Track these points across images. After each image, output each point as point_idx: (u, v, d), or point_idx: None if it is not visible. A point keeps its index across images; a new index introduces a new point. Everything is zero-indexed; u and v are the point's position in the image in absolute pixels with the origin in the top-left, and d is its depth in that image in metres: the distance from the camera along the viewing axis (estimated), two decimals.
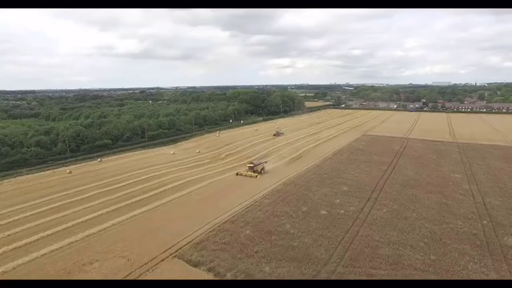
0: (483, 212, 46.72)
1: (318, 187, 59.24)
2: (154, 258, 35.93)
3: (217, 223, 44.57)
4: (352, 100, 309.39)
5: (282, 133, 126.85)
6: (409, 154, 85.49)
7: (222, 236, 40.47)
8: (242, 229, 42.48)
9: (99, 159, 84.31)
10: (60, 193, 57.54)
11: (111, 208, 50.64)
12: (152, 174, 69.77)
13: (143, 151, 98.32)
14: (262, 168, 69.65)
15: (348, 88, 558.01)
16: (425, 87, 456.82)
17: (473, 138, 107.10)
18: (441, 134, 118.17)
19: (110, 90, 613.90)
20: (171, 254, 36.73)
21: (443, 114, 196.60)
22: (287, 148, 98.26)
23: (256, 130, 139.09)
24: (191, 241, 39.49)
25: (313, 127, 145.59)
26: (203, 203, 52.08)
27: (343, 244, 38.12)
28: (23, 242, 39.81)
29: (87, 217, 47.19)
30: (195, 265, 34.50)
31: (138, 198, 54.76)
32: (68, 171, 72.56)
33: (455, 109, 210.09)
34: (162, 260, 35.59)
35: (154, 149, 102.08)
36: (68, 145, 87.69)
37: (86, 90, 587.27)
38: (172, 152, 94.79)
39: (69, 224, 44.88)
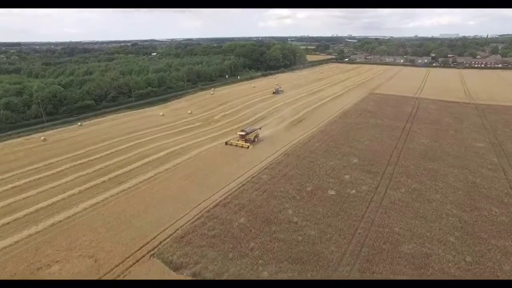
0: None
1: (324, 158, 51.87)
2: (127, 258, 29.43)
3: (206, 207, 37.74)
4: (356, 53, 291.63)
5: (282, 91, 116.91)
6: (423, 118, 77.12)
7: (211, 226, 33.78)
8: (236, 215, 35.73)
9: (79, 123, 75.71)
10: (27, 167, 50.01)
11: (84, 186, 43.48)
12: (135, 142, 61.86)
13: (129, 112, 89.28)
14: (256, 136, 61.43)
15: (351, 40, 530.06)
16: (431, 39, 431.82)
17: (492, 99, 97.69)
18: (455, 94, 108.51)
19: (102, 42, 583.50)
20: (148, 252, 30.16)
21: (455, 70, 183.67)
22: (288, 108, 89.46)
23: (254, 87, 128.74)
24: (173, 233, 32.83)
25: (316, 84, 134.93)
26: (191, 180, 44.90)
27: (357, 238, 31.56)
28: None
29: (54, 199, 40.15)
30: (177, 268, 28.07)
31: (116, 173, 47.42)
32: (42, 138, 64.36)
33: (467, 65, 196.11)
34: (137, 261, 29.08)
35: (142, 110, 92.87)
36: (44, 108, 78.50)
37: (76, 42, 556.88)
38: (161, 113, 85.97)
39: (32, 208, 37.93)
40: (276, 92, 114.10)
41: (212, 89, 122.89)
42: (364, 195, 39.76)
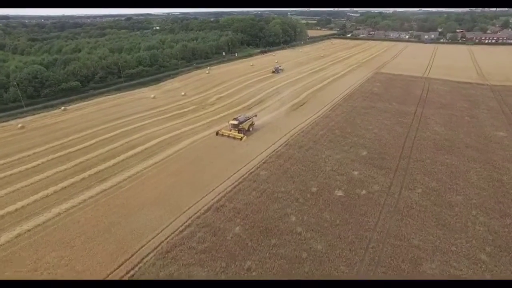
0: None
1: (330, 150, 46.79)
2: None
3: (197, 212, 33.03)
4: (358, 29, 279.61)
5: (282, 70, 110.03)
6: (435, 101, 71.35)
7: (201, 237, 29.19)
8: (230, 223, 31.10)
9: (62, 108, 69.79)
10: None
11: (60, 185, 38.56)
12: (122, 130, 56.46)
13: (118, 94, 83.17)
14: (251, 125, 55.18)
15: (352, 14, 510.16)
16: (437, 13, 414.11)
17: (508, 79, 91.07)
18: (466, 73, 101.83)
19: (95, 17, 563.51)
20: (127, 272, 25.70)
21: (464, 47, 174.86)
22: (288, 90, 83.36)
23: (252, 65, 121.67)
24: (158, 247, 28.27)
25: (318, 62, 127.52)
26: (180, 178, 39.94)
27: (371, 254, 27.06)
28: None
29: (24, 201, 35.32)
30: None
31: (98, 169, 42.38)
32: (20, 125, 58.73)
33: (477, 40, 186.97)
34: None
35: (132, 91, 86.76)
36: (24, 90, 72.24)
37: (69, 16, 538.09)
38: (152, 95, 79.91)
39: None
40: (276, 71, 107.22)
41: (208, 67, 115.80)
42: (376, 197, 35.04)
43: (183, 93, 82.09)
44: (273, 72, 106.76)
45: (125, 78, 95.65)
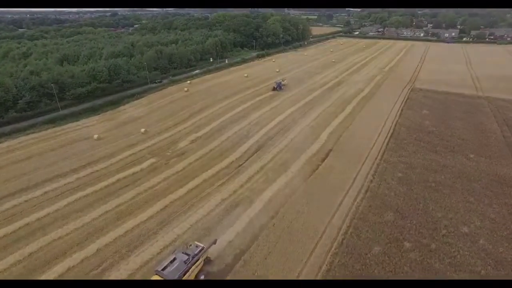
0: None
1: None
2: None
3: None
4: (365, 25, 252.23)
5: (285, 85, 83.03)
6: None
7: None
8: None
9: None
10: None
11: None
12: (9, 228, 29.82)
13: (48, 131, 56.24)
14: (203, 261, 24.96)
15: (353, 9, 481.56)
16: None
17: None
18: None
19: (86, 12, 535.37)
20: None
21: (498, 48, 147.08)
22: (299, 124, 56.89)
23: (246, 76, 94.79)
24: None
25: (330, 71, 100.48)
26: None
27: None
28: None
29: None
30: None
31: None
32: None
33: (508, 39, 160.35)
34: None
35: (72, 124, 59.94)
36: None
37: (57, 12, 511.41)
38: (96, 135, 52.91)
39: None
40: (278, 87, 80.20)
41: (189, 81, 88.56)
42: None
43: (143, 130, 55.27)
44: (274, 89, 79.81)
45: (70, 101, 68.51)
